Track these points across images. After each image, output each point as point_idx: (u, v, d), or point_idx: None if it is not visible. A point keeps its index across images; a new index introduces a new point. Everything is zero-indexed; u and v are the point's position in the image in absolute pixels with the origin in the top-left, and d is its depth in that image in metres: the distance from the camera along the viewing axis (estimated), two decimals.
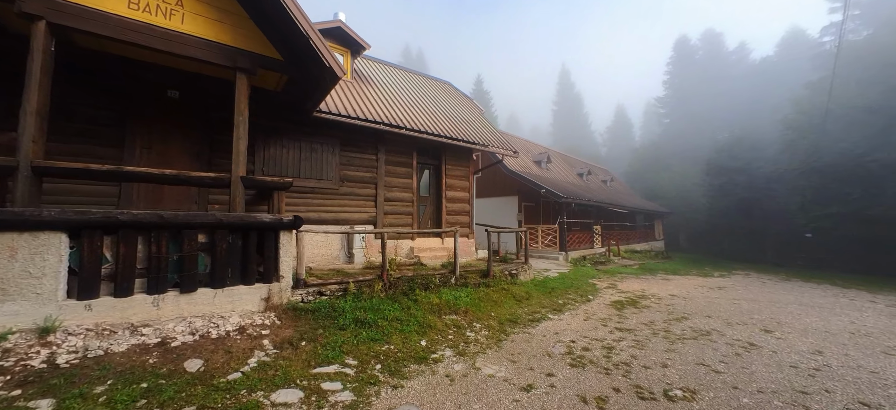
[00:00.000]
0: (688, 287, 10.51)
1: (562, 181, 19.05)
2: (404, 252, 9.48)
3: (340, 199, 8.55)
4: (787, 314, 7.41)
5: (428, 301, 6.50)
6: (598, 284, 10.02)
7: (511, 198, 16.18)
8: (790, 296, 9.66)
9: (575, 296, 8.27)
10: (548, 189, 13.66)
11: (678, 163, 39.38)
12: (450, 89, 13.60)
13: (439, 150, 10.42)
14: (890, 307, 8.98)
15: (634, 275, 12.31)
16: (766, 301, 8.74)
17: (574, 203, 14.41)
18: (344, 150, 8.67)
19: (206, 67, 5.77)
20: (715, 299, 8.73)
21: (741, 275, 15.21)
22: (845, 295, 10.61)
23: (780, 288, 11.57)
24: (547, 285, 9.09)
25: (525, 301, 7.51)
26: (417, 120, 9.60)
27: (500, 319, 6.18)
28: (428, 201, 10.40)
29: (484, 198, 17.45)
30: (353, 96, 8.98)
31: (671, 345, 5.17)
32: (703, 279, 12.99)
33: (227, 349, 4.21)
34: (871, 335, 6.06)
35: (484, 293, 7.55)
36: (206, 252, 4.99)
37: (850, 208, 18.65)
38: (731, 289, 10.39)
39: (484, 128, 11.46)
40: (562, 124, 73.20)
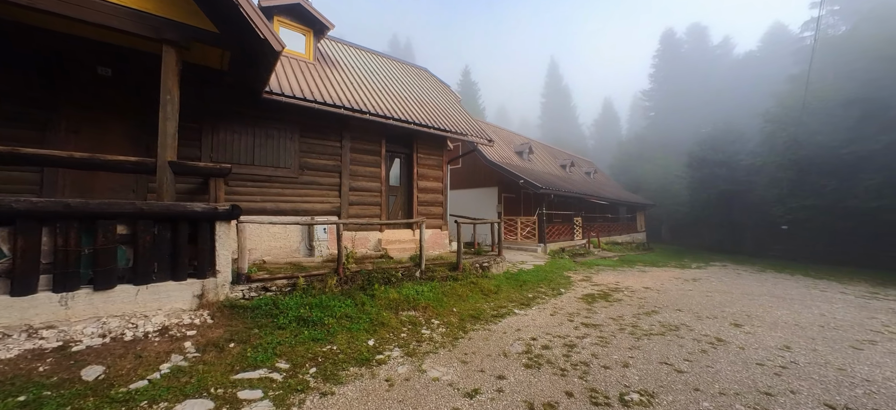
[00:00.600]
0: (663, 279, 10.36)
1: (543, 172, 18.78)
2: (372, 244, 9.05)
3: (300, 189, 8.04)
4: (758, 306, 7.26)
5: (386, 296, 6.11)
6: (573, 277, 9.78)
7: (491, 190, 15.84)
8: (763, 288, 9.57)
9: (546, 290, 7.98)
10: (526, 180, 13.35)
11: (662, 156, 39.65)
12: (426, 76, 13.10)
13: (411, 138, 9.96)
14: (859, 298, 8.96)
15: (612, 268, 12.13)
16: (738, 293, 8.61)
17: (553, 194, 14.15)
18: (304, 137, 8.14)
19: (132, 40, 5.18)
20: (688, 291, 8.56)
21: (718, 267, 15.23)
22: (817, 287, 10.61)
23: (755, 279, 11.54)
24: (519, 278, 8.79)
25: (493, 295, 7.18)
26: (386, 106, 9.11)
27: (461, 315, 5.83)
28: (398, 191, 9.96)
29: (464, 190, 17.08)
30: (316, 79, 8.43)
31: (636, 342, 4.89)
32: (680, 271, 12.92)
33: (139, 353, 3.74)
34: (841, 328, 5.91)
35: (450, 287, 7.19)
36: (127, 245, 4.48)
37: (824, 200, 18.91)
38: (706, 281, 10.27)
39: (459, 117, 11.02)
40: (550, 116, 73.18)
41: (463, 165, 17.05)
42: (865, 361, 4.50)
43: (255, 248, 7.44)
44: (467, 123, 10.83)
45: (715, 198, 27.62)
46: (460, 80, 59.16)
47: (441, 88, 12.54)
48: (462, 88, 57.83)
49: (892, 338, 5.49)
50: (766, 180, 23.83)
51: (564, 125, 69.27)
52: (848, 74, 18.37)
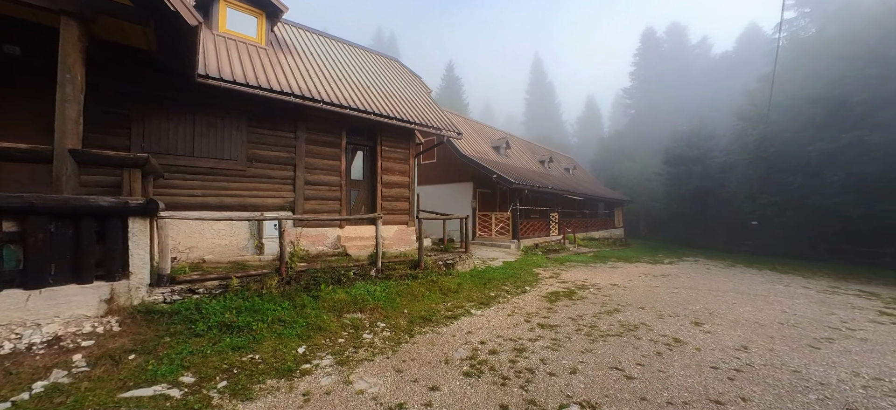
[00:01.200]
0: (633, 275, 10.24)
1: (520, 168, 18.56)
2: (330, 242, 8.57)
3: (248, 182, 7.49)
4: (722, 303, 7.14)
5: (332, 298, 5.68)
6: (542, 274, 9.54)
7: (466, 185, 15.51)
8: (729, 284, 9.55)
9: (510, 288, 7.68)
10: (499, 174, 13.06)
11: (640, 153, 40.18)
12: (396, 66, 12.61)
13: (374, 130, 9.49)
14: (822, 293, 9.02)
15: (584, 264, 11.99)
16: (704, 289, 8.52)
17: (527, 189, 13.91)
18: (254, 127, 7.58)
19: (29, 12, 4.55)
20: (655, 288, 8.41)
21: (690, 262, 15.33)
22: (782, 282, 10.69)
23: (723, 275, 11.57)
24: (485, 276, 8.47)
25: (452, 294, 6.83)
26: (347, 95, 8.61)
27: (412, 317, 5.45)
28: (361, 186, 9.49)
29: (439, 185, 16.69)
30: (267, 65, 7.86)
31: (591, 344, 4.61)
32: (652, 266, 12.88)
33: (10, 369, 3.21)
34: (800, 325, 5.80)
35: (407, 286, 6.81)
36: (16, 244, 3.91)
37: (791, 197, 19.34)
38: (675, 277, 10.20)
39: (427, 109, 10.60)
40: (534, 113, 73.42)
41: (438, 160, 16.65)
42: (822, 361, 4.34)
43: (196, 246, 6.88)
44: (435, 116, 10.42)
45: (690, 194, 28.08)
46: (444, 75, 58.66)
47: (411, 80, 12.08)
48: (446, 83, 57.37)
49: (848, 335, 5.39)
50: (738, 177, 24.32)
51: (548, 122, 69.64)
52: (815, 74, 18.78)
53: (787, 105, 19.62)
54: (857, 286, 11.02)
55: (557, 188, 16.70)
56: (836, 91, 16.54)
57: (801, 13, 37.62)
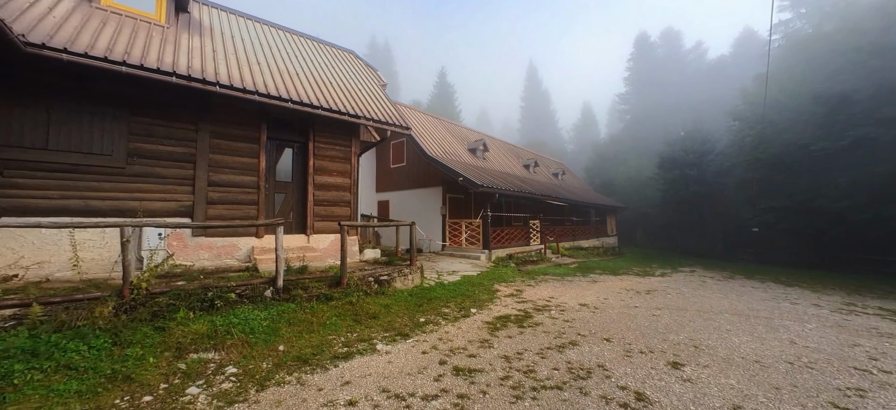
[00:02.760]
0: (612, 291, 8.76)
1: (499, 171, 17.18)
2: (242, 254, 7.14)
3: (128, 182, 6.10)
4: (713, 330, 5.67)
5: (185, 330, 4.24)
6: (502, 291, 8.07)
7: (435, 190, 14.11)
8: (725, 301, 8.07)
9: (451, 311, 6.22)
10: (465, 177, 11.68)
11: (636, 159, 38.86)
12: (349, 58, 11.31)
13: (306, 124, 8.14)
14: (837, 313, 7.54)
15: (559, 278, 10.51)
16: (694, 310, 7.04)
17: (499, 194, 12.51)
18: (139, 115, 6.23)
19: None
20: (633, 309, 6.94)
21: (685, 273, 13.85)
22: (788, 297, 9.21)
23: (719, 289, 10.09)
24: (427, 295, 7.02)
25: (368, 321, 5.38)
26: (270, 82, 7.27)
27: (285, 356, 4.02)
28: (289, 188, 8.09)
29: (408, 190, 15.30)
30: (163, 44, 6.52)
31: (510, 406, 3.15)
32: (640, 279, 11.40)
33: None
34: (815, 366, 4.33)
35: (311, 312, 5.36)
36: None
37: (794, 201, 17.93)
38: (661, 294, 8.72)
39: (373, 101, 9.25)
40: (529, 120, 72.45)
41: (407, 163, 15.29)
42: None
43: (49, 261, 5.46)
44: (380, 108, 9.06)
45: (687, 200, 26.66)
46: (436, 82, 57.76)
47: (362, 71, 10.76)
48: (438, 90, 56.42)
49: (885, 383, 3.92)
50: (736, 181, 22.95)
51: (544, 128, 68.64)
52: (815, 69, 17.54)
53: (787, 103, 18.34)
54: (874, 302, 9.53)
55: (538, 193, 15.26)
56: (837, 86, 15.26)
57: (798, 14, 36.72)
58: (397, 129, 8.75)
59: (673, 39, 54.49)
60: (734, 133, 23.14)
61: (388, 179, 16.28)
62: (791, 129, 18.14)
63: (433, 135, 15.50)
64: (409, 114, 15.43)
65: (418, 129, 14.79)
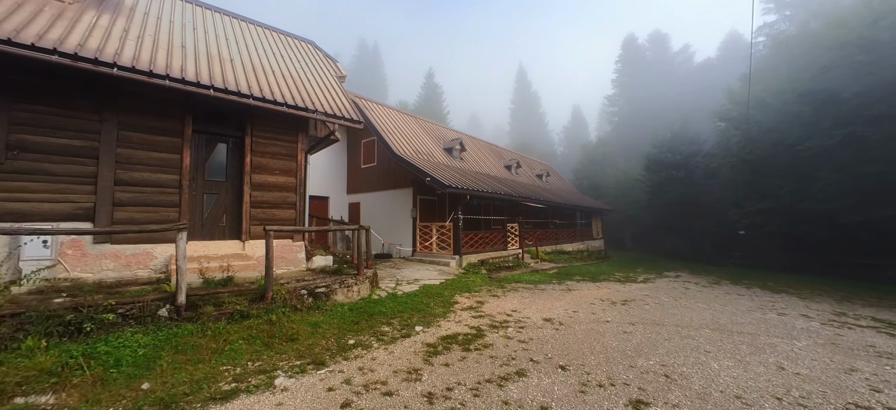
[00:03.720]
0: (585, 302, 7.98)
1: (477, 172, 16.40)
2: (158, 263, 6.20)
3: (8, 180, 5.15)
4: (690, 353, 4.89)
5: (23, 364, 3.35)
6: (461, 303, 7.23)
7: (406, 191, 13.26)
8: (707, 313, 7.33)
9: (392, 330, 5.37)
10: (432, 177, 10.85)
11: (624, 160, 38.48)
12: (305, 48, 10.42)
13: (243, 116, 7.24)
14: (827, 326, 6.84)
15: (532, 286, 9.71)
16: (672, 325, 6.28)
17: (471, 195, 11.71)
18: (24, 103, 5.32)
19: None
20: (604, 324, 6.16)
21: (669, 279, 13.16)
22: (775, 306, 8.53)
23: (702, 297, 9.38)
24: (371, 309, 6.15)
25: (281, 346, 4.50)
26: (196, 68, 6.38)
27: (140, 400, 3.12)
28: (221, 188, 7.17)
29: (378, 192, 14.41)
30: (61, 21, 5.59)
31: None
32: (620, 286, 10.67)
33: None
34: (809, 401, 3.57)
35: (211, 335, 4.48)
36: None
37: (780, 203, 17.43)
38: (639, 305, 7.96)
39: (328, 94, 8.39)
40: (519, 123, 72.06)
41: (378, 163, 14.41)
42: None
43: None
44: (334, 101, 8.19)
45: (674, 202, 26.16)
46: (423, 83, 56.98)
47: (319, 63, 9.89)
48: (426, 91, 55.64)
49: None
50: (722, 183, 22.49)
51: (534, 131, 68.22)
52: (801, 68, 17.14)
53: (773, 102, 17.89)
54: (866, 310, 8.89)
55: (515, 194, 14.47)
56: (824, 83, 14.78)
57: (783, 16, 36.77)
58: (348, 124, 7.89)
59: (660, 42, 54.51)
60: (720, 133, 22.74)
61: (358, 180, 15.39)
62: (777, 129, 17.68)
63: (404, 133, 14.64)
64: (378, 111, 14.58)
65: (387, 126, 13.93)
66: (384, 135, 12.99)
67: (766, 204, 18.02)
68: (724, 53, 47.80)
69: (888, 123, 12.57)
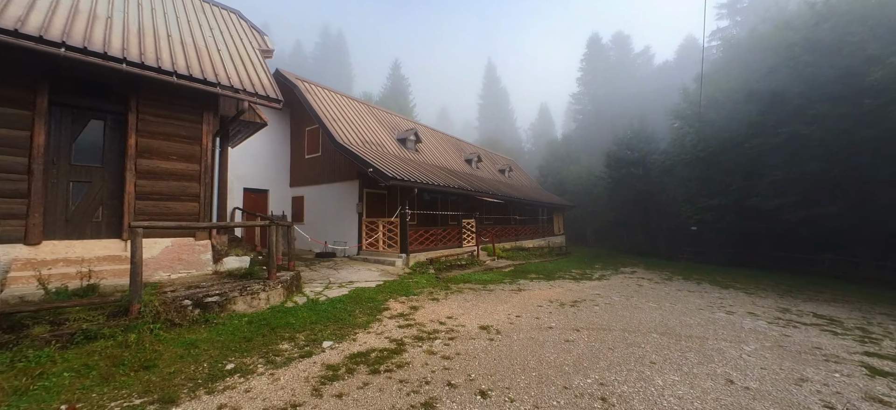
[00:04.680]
0: (533, 304, 7.37)
1: (433, 164, 15.56)
2: None
3: None
4: (634, 365, 4.32)
5: None
6: (393, 309, 6.37)
7: (351, 184, 12.18)
8: (657, 314, 6.92)
9: (292, 348, 4.42)
10: (375, 168, 9.89)
11: (587, 158, 39.10)
12: (227, 17, 9.06)
13: (124, 88, 5.95)
14: (773, 325, 6.62)
15: (480, 286, 9.03)
16: (619, 330, 5.75)
17: (420, 188, 10.86)
18: None
19: None
20: (545, 332, 5.52)
21: (625, 275, 13.00)
22: (723, 304, 8.34)
23: (654, 295, 9.09)
24: (276, 321, 5.16)
25: (123, 378, 3.45)
26: (43, 20, 5.03)
27: None
28: (95, 175, 5.86)
29: (323, 185, 13.22)
30: None
31: None
32: (574, 284, 10.24)
33: None
34: None
35: (22, 366, 3.36)
36: None
37: (729, 199, 17.96)
38: (589, 306, 7.46)
39: (243, 67, 7.19)
40: (488, 119, 71.93)
41: (322, 153, 13.21)
42: None
43: None
44: (252, 77, 7.02)
45: (632, 198, 26.68)
46: (389, 74, 55.32)
47: (242, 34, 8.61)
48: (391, 83, 54.03)
49: None
50: (677, 180, 23.07)
51: (502, 127, 68.29)
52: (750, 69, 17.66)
53: (724, 102, 18.36)
54: (807, 305, 8.95)
55: (471, 189, 13.74)
56: (771, 84, 15.22)
57: (734, 21, 38.64)
58: (264, 103, 6.76)
59: (623, 43, 56.05)
60: (675, 131, 23.29)
61: (302, 172, 14.08)
62: (727, 128, 18.16)
63: (352, 120, 13.49)
64: (322, 95, 13.28)
65: (331, 112, 12.71)
66: (327, 121, 11.80)
67: (717, 200, 18.51)
68: (681, 56, 49.80)
69: (828, 122, 13.01)
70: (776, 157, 15.07)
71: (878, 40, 11.88)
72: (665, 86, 44.47)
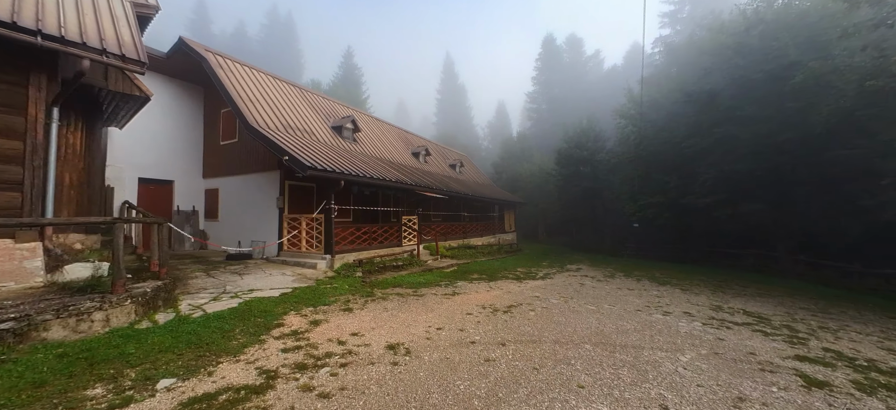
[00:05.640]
0: (461, 311, 6.56)
1: (371, 156, 14.36)
2: None
3: None
4: (558, 390, 3.61)
5: None
6: (286, 326, 5.22)
7: (272, 175, 10.69)
8: (593, 319, 6.38)
9: (104, 393, 3.17)
10: (291, 156, 8.59)
11: (539, 155, 39.67)
12: None
13: None
14: (708, 326, 6.35)
15: (412, 289, 8.09)
16: (550, 341, 5.07)
17: (346, 180, 9.68)
18: None
19: None
20: (465, 350, 4.69)
21: (570, 273, 12.72)
22: (660, 304, 8.10)
23: (594, 295, 8.69)
24: (102, 353, 3.84)
25: None
26: None
27: None
28: None
29: (241, 176, 11.55)
30: None
31: None
32: (515, 285, 9.63)
33: None
34: None
35: None
36: None
37: (667, 197, 18.58)
38: (524, 311, 6.79)
39: (96, 16, 5.60)
40: (445, 114, 71.23)
41: (239, 139, 11.52)
42: None
43: None
44: (112, 30, 5.47)
45: (580, 196, 27.20)
46: (341, 63, 52.69)
47: None
48: (343, 71, 51.46)
49: None
50: (621, 178, 23.73)
51: (460, 124, 67.88)
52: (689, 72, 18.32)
53: (663, 102, 18.96)
54: (737, 301, 9.01)
55: (411, 183, 12.70)
56: (706, 85, 15.81)
57: (675, 31, 40.99)
58: (119, 64, 5.27)
59: (576, 45, 57.79)
60: (620, 130, 23.92)
61: (217, 160, 12.25)
62: (667, 128, 18.77)
63: (275, 102, 11.87)
64: (238, 72, 11.46)
65: (248, 92, 10.99)
66: (240, 100, 10.16)
67: (656, 198, 19.12)
68: (629, 62, 52.23)
69: (754, 124, 13.64)
70: (710, 157, 15.70)
71: (799, 47, 12.62)
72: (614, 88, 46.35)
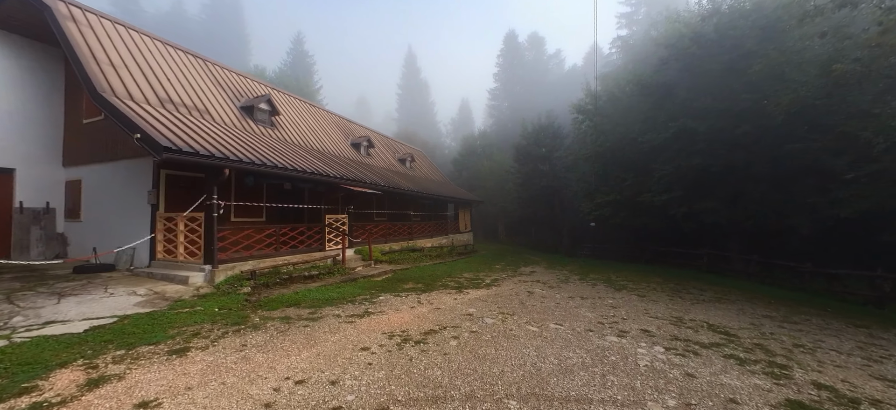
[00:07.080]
0: (358, 344, 4.84)
1: (293, 143, 12.21)
2: None
3: None
4: None
5: None
6: (47, 389, 3.21)
7: (145, 163, 8.34)
8: (529, 354, 4.85)
9: None
10: (144, 133, 6.42)
11: (499, 153, 38.78)
12: None
13: None
14: (671, 351, 5.03)
15: (312, 310, 6.21)
16: (459, 397, 3.44)
17: (237, 169, 7.60)
18: None
19: None
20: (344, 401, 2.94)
21: (519, 280, 11.35)
22: (616, 318, 6.81)
23: (539, 310, 7.26)
24: None
25: None
26: None
27: None
28: None
29: (108, 164, 9.04)
30: None
31: None
32: (451, 297, 8.03)
33: None
34: None
35: None
36: None
37: (624, 195, 17.96)
38: (440, 343, 5.18)
39: None
40: (407, 110, 69.06)
41: (106, 116, 9.05)
42: None
43: None
44: None
45: (538, 194, 26.38)
46: (290, 49, 48.98)
47: None
48: (292, 58, 47.84)
49: None
50: (579, 175, 23.09)
51: (422, 120, 66.01)
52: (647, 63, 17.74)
53: (620, 96, 18.29)
54: (699, 312, 7.93)
55: (333, 175, 10.57)
56: (663, 77, 15.19)
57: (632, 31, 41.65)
58: None
59: (538, 44, 57.81)
60: (577, 126, 23.27)
61: (79, 144, 9.60)
62: (623, 123, 18.13)
63: (156, 70, 9.24)
64: (99, 27, 8.67)
65: (107, 51, 8.20)
66: (92, 61, 7.65)
67: (612, 196, 18.46)
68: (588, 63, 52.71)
69: (711, 117, 13.06)
70: (666, 152, 15.11)
71: (757, 37, 12.14)
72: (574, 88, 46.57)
